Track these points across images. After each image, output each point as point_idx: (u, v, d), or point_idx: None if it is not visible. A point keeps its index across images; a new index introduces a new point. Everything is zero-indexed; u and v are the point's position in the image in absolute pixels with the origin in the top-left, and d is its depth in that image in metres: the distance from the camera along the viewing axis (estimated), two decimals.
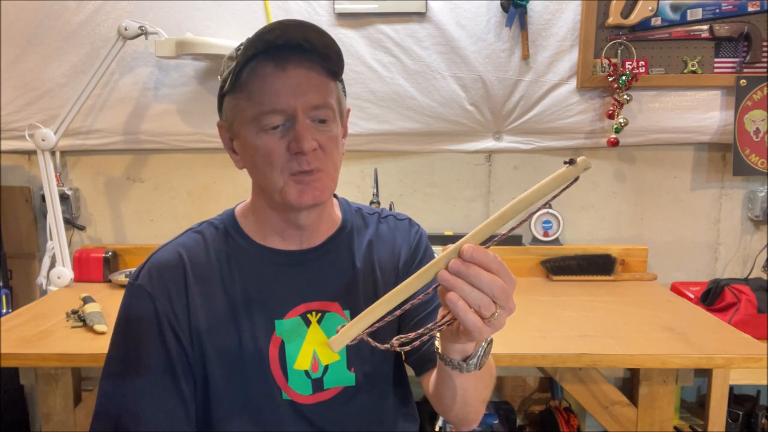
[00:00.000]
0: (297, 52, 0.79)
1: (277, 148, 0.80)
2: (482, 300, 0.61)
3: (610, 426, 1.47)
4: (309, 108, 0.80)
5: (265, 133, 0.81)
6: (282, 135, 0.80)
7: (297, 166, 0.80)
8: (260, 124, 0.80)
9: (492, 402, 2.01)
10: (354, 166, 2.05)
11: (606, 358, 1.30)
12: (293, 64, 0.79)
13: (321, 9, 1.87)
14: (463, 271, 0.61)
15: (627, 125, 1.89)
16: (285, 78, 0.79)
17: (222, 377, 0.86)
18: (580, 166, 0.58)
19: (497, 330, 0.64)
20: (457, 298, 0.61)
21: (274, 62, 0.79)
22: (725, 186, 2.03)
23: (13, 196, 2.03)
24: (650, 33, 1.88)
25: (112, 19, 1.88)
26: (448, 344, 0.72)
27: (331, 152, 0.84)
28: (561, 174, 0.58)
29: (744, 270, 2.04)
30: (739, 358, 1.29)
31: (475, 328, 0.62)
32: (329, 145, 0.83)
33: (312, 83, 0.80)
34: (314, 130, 0.81)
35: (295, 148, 0.79)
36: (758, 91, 1.87)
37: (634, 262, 1.99)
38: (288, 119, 0.80)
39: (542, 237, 2.02)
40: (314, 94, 0.80)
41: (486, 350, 0.74)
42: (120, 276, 1.88)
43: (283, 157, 0.81)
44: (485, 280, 0.61)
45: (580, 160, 0.57)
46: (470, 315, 0.61)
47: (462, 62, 1.89)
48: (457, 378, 0.76)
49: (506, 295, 0.62)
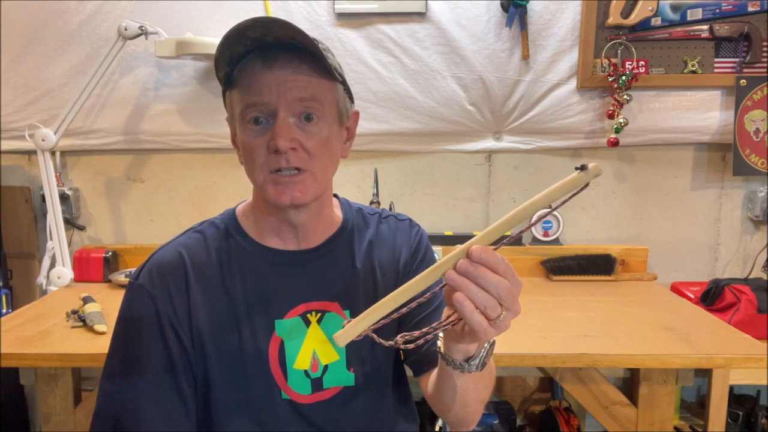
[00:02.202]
0: (286, 50, 0.80)
1: (258, 146, 0.81)
2: (489, 301, 0.61)
3: (610, 426, 1.47)
4: (292, 104, 0.80)
5: (248, 128, 0.82)
6: (263, 132, 0.81)
7: (275, 164, 0.81)
8: (245, 118, 0.81)
9: (492, 402, 2.01)
10: (354, 166, 2.05)
11: (606, 358, 1.30)
12: (281, 62, 0.79)
13: (321, 9, 1.87)
14: (471, 271, 0.61)
15: (627, 125, 1.89)
16: (270, 74, 0.79)
17: (222, 377, 0.86)
18: (591, 173, 0.58)
19: (502, 332, 0.64)
20: (463, 298, 0.61)
21: (262, 60, 0.80)
22: (725, 186, 2.03)
23: (13, 196, 2.03)
24: (650, 33, 1.88)
25: (112, 19, 1.88)
26: (451, 344, 0.72)
27: (317, 153, 0.82)
28: (571, 179, 0.58)
29: (744, 270, 2.04)
30: (739, 358, 1.29)
31: (480, 329, 0.62)
32: (315, 146, 0.82)
33: (298, 81, 0.80)
34: (297, 129, 0.81)
35: (272, 146, 0.79)
36: (758, 91, 1.87)
37: (634, 262, 1.99)
38: (269, 115, 0.81)
39: (542, 237, 2.02)
40: (298, 90, 0.80)
41: (488, 351, 0.74)
42: (120, 276, 1.88)
43: (263, 154, 0.81)
44: (492, 282, 0.61)
45: (591, 166, 0.58)
46: (476, 315, 0.62)
47: (462, 62, 1.89)
48: (458, 378, 0.77)
49: (512, 297, 0.62)
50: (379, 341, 0.68)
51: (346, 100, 0.88)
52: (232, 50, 0.78)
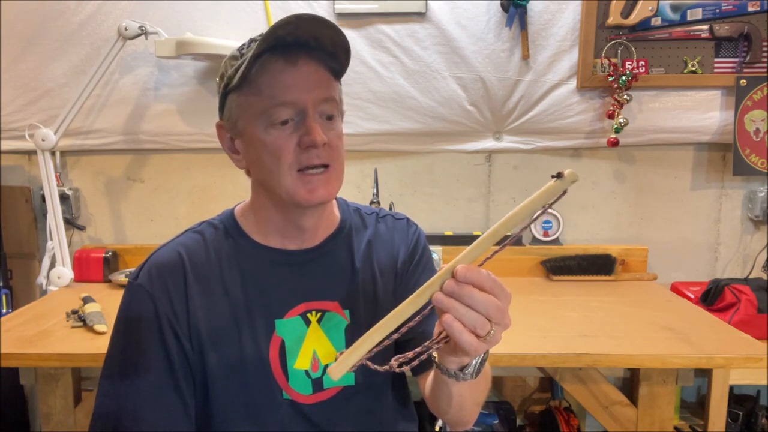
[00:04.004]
0: (305, 49, 0.80)
1: (287, 144, 0.80)
2: (477, 320, 0.62)
3: (610, 426, 1.47)
4: (318, 103, 0.81)
5: (274, 128, 0.81)
6: (293, 130, 0.81)
7: (307, 160, 0.80)
8: (270, 118, 0.80)
9: (492, 402, 2.01)
10: (354, 166, 2.05)
11: (606, 358, 1.30)
12: (303, 60, 0.80)
13: (321, 9, 1.87)
14: (457, 291, 0.61)
15: (627, 125, 1.89)
16: (296, 73, 0.80)
17: (222, 377, 0.86)
18: (567, 180, 0.58)
19: (493, 345, 0.65)
20: (452, 319, 0.62)
21: (284, 58, 0.80)
22: (725, 186, 2.03)
23: (13, 196, 2.03)
24: (650, 33, 1.88)
25: (112, 19, 1.88)
26: (445, 356, 0.73)
27: (339, 149, 0.84)
28: (548, 188, 0.59)
29: (744, 270, 2.04)
30: (739, 358, 1.29)
31: (471, 348, 0.62)
32: (337, 141, 0.84)
33: (321, 80, 0.82)
34: (323, 125, 0.82)
35: (307, 141, 0.79)
36: (758, 91, 1.87)
37: (634, 262, 1.99)
38: (298, 113, 0.81)
39: (542, 237, 2.02)
40: (322, 90, 0.81)
41: (482, 359, 0.74)
42: (120, 276, 1.88)
43: (292, 153, 0.81)
44: (479, 300, 0.61)
45: (567, 173, 0.58)
46: (465, 335, 0.62)
47: (462, 62, 1.89)
48: (453, 386, 0.77)
49: (501, 312, 0.63)
50: (374, 368, 0.68)
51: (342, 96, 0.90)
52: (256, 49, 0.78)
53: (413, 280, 0.95)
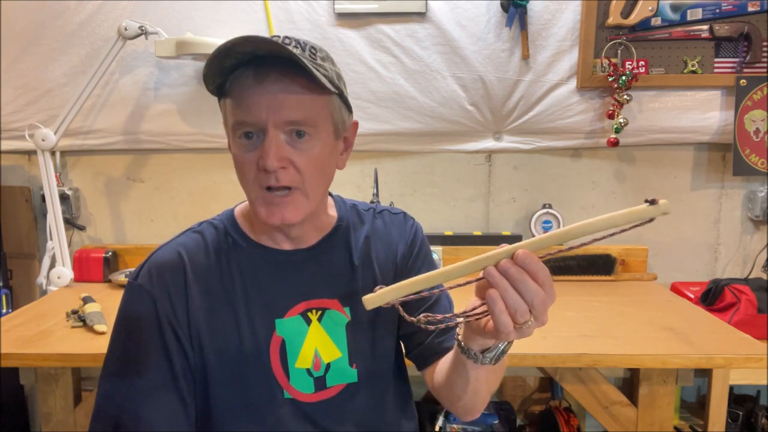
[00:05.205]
0: (280, 64, 0.77)
1: (248, 161, 0.80)
2: (521, 306, 0.62)
3: (610, 426, 1.47)
4: (283, 123, 0.78)
5: (239, 142, 0.81)
6: (253, 147, 0.80)
7: (265, 182, 0.80)
8: (235, 132, 0.81)
9: (492, 402, 2.00)
10: (354, 166, 2.05)
11: (606, 358, 1.30)
12: (272, 77, 0.77)
13: (321, 9, 1.87)
14: (513, 273, 0.62)
15: (627, 125, 1.88)
16: (260, 91, 0.77)
17: (222, 377, 0.86)
18: (660, 209, 0.57)
19: (523, 337, 0.66)
20: (497, 296, 0.62)
21: (254, 74, 0.78)
22: (725, 186, 2.03)
23: (13, 196, 2.03)
24: (650, 33, 1.88)
25: (112, 19, 1.88)
26: (470, 335, 0.73)
27: (309, 171, 0.81)
28: (638, 210, 0.58)
29: (744, 270, 2.04)
30: (739, 358, 1.29)
31: (505, 330, 0.63)
32: (306, 163, 0.80)
33: (289, 99, 0.77)
34: (288, 147, 0.79)
35: (261, 164, 0.79)
36: (758, 91, 1.87)
37: (634, 262, 1.99)
38: (259, 132, 0.79)
39: None
40: (289, 111, 0.77)
41: (505, 348, 0.75)
42: (120, 276, 1.88)
43: (253, 171, 0.81)
44: (530, 288, 0.62)
45: (662, 202, 0.57)
46: (504, 316, 0.62)
47: (462, 62, 1.89)
48: (471, 368, 0.77)
49: (544, 307, 0.63)
50: (403, 314, 0.70)
51: (343, 112, 0.86)
52: (221, 64, 0.76)
53: (413, 273, 0.95)
